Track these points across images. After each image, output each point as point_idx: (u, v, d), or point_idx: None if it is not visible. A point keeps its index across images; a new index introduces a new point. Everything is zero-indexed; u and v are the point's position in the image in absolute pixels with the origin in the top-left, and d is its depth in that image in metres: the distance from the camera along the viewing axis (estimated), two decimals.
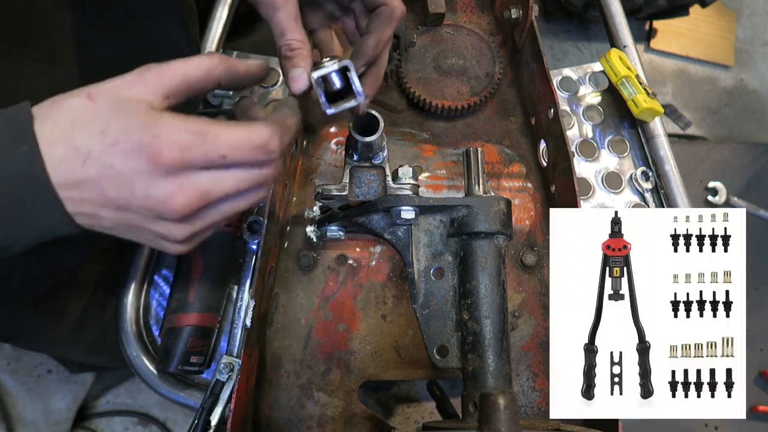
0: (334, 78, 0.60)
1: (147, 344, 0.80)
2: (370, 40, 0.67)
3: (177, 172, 0.46)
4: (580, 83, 1.01)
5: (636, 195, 0.93)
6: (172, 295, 0.78)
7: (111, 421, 1.79)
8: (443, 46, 0.95)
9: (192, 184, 0.47)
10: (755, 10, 2.70)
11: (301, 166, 0.89)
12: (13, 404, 1.70)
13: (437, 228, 0.66)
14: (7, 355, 1.75)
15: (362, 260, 0.84)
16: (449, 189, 0.90)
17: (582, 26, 2.54)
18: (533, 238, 0.87)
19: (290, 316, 0.81)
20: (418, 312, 0.65)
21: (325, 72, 0.59)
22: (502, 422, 0.43)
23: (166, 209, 0.47)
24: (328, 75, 0.59)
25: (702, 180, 2.04)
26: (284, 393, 0.77)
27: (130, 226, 0.50)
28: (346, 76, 0.60)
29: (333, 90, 0.61)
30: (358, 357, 0.80)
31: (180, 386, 0.78)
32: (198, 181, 0.47)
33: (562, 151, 0.78)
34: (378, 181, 0.73)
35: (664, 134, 0.94)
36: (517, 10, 0.91)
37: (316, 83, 0.59)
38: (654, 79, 2.50)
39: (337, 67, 0.59)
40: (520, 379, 0.80)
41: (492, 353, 0.61)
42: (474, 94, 0.93)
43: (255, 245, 0.83)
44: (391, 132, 0.93)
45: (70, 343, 1.15)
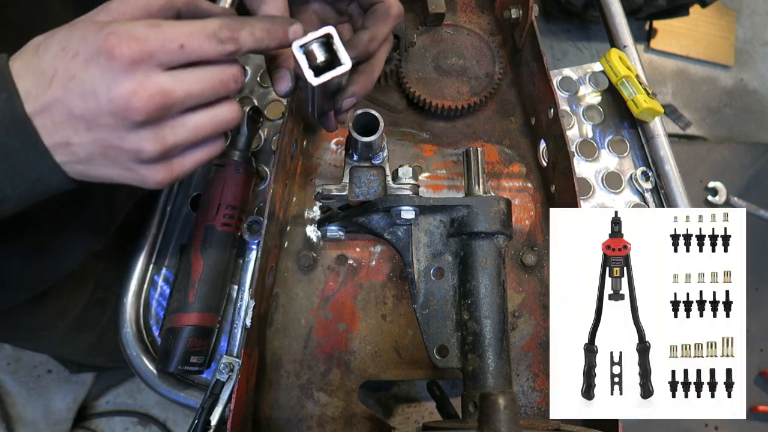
0: (318, 51, 0.54)
1: (147, 344, 0.80)
2: (363, 34, 0.64)
3: (136, 67, 0.46)
4: (580, 83, 1.01)
5: (636, 195, 0.93)
6: (172, 295, 0.78)
7: (111, 421, 1.80)
8: (443, 46, 0.95)
9: (152, 81, 0.46)
10: (755, 10, 2.70)
11: (301, 166, 0.89)
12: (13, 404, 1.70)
13: (437, 228, 0.66)
14: (7, 355, 1.75)
15: (362, 260, 0.84)
16: (449, 189, 0.90)
17: (582, 26, 2.55)
18: (533, 238, 0.87)
19: (290, 316, 0.81)
20: (418, 312, 0.65)
21: (306, 40, 0.54)
22: (502, 422, 0.43)
23: (129, 108, 0.46)
24: (309, 45, 0.54)
25: (702, 180, 2.04)
26: (284, 393, 0.77)
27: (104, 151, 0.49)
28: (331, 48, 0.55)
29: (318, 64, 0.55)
30: (358, 357, 0.80)
31: (180, 386, 0.78)
32: (159, 79, 0.47)
33: (562, 151, 0.78)
34: (378, 181, 0.73)
35: (664, 134, 0.94)
36: (517, 10, 0.91)
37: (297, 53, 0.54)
38: (654, 79, 2.50)
39: (320, 35, 0.54)
40: (520, 379, 0.80)
41: (492, 353, 0.61)
42: (474, 94, 0.93)
43: (255, 245, 0.83)
44: (391, 132, 0.93)
45: (70, 343, 1.15)
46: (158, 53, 0.46)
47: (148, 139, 0.48)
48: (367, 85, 0.67)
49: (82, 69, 0.45)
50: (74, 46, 0.46)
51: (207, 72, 0.50)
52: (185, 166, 0.53)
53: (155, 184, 0.52)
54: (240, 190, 0.80)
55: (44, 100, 0.46)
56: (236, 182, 0.80)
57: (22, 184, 0.48)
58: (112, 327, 0.81)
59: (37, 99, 0.46)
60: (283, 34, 0.53)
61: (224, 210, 0.79)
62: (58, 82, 0.46)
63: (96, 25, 0.46)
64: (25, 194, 0.49)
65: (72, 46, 0.46)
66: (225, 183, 0.80)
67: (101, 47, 0.45)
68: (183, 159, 0.53)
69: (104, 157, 0.49)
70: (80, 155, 0.49)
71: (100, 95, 0.45)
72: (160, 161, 0.51)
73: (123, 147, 0.48)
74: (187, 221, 0.87)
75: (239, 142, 0.83)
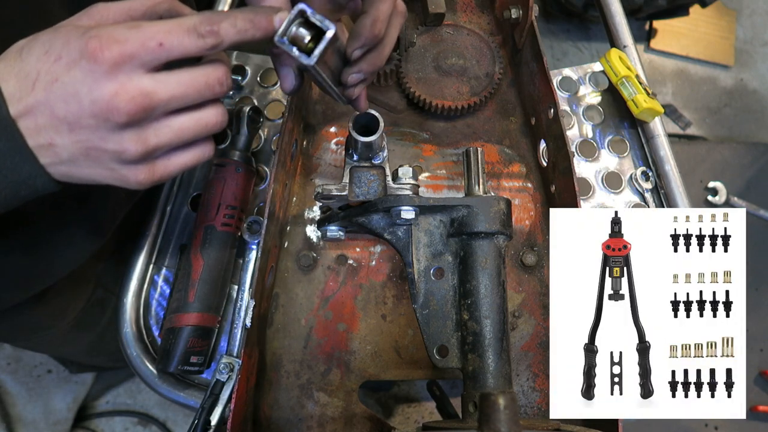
0: (302, 32, 0.53)
1: (147, 344, 0.80)
2: (364, 19, 0.61)
3: (118, 69, 0.46)
4: (580, 83, 1.01)
5: (636, 195, 0.93)
6: (172, 295, 0.78)
7: (111, 421, 1.80)
8: (443, 46, 0.95)
9: (134, 82, 0.47)
10: (755, 10, 2.70)
11: (301, 166, 0.89)
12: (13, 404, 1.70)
13: (437, 228, 0.66)
14: (7, 355, 1.75)
15: (362, 260, 0.84)
16: (449, 189, 0.90)
17: (582, 26, 2.55)
18: (533, 238, 0.87)
19: (290, 316, 0.81)
20: (418, 312, 0.65)
21: (285, 26, 0.52)
22: (502, 422, 0.43)
23: (111, 109, 0.46)
24: (287, 31, 0.53)
25: (702, 180, 2.04)
26: (284, 393, 0.77)
27: (87, 152, 0.49)
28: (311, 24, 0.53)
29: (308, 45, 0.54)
30: (358, 357, 0.80)
31: (180, 386, 0.78)
32: (141, 80, 0.47)
33: (562, 151, 0.78)
34: (378, 181, 0.73)
35: (664, 134, 0.94)
36: (517, 10, 0.91)
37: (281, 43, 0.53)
38: (654, 79, 2.50)
39: (292, 17, 0.53)
40: (520, 379, 0.80)
41: (492, 353, 0.61)
42: (474, 94, 0.93)
43: (255, 245, 0.83)
44: (391, 132, 0.93)
45: (70, 343, 1.15)
46: (139, 53, 0.46)
47: (130, 140, 0.49)
48: (376, 62, 0.64)
49: (64, 72, 0.46)
50: (57, 49, 0.46)
51: (191, 74, 0.50)
52: (168, 168, 0.54)
53: (136, 184, 0.52)
54: (240, 190, 0.80)
55: (27, 102, 0.46)
56: (236, 182, 0.80)
57: (6, 187, 0.49)
58: (112, 327, 0.81)
59: (21, 101, 0.46)
60: (267, 22, 0.52)
61: (224, 210, 0.79)
62: (40, 85, 0.46)
63: (78, 29, 0.47)
64: (10, 196, 0.50)
65: (55, 50, 0.46)
66: (225, 183, 0.80)
67: (83, 50, 0.45)
68: (167, 161, 0.53)
69: (87, 158, 0.50)
70: (63, 156, 0.49)
71: (82, 97, 0.46)
72: (142, 162, 0.51)
73: (105, 148, 0.49)
74: (187, 221, 0.87)
75: (239, 142, 0.83)
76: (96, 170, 0.51)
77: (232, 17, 0.50)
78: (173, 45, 0.48)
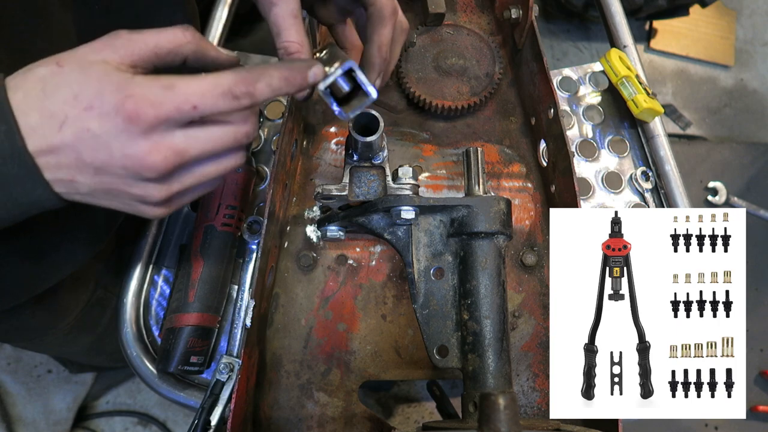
0: (341, 82, 0.58)
1: (147, 344, 0.80)
2: (371, 49, 0.66)
3: (152, 130, 0.47)
4: (580, 83, 1.01)
5: (636, 195, 0.93)
6: (172, 295, 0.78)
7: (111, 421, 1.80)
8: (443, 46, 0.95)
9: (168, 142, 0.48)
10: (755, 10, 2.70)
11: (301, 166, 0.89)
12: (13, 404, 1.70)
13: (437, 228, 0.66)
14: (7, 355, 1.75)
15: (362, 260, 0.84)
16: (449, 189, 0.90)
17: (582, 26, 2.55)
18: (533, 238, 0.87)
19: (290, 316, 0.81)
20: (418, 312, 0.65)
21: (331, 80, 0.57)
22: (502, 422, 0.43)
23: (143, 167, 0.47)
24: (335, 82, 0.57)
25: (702, 180, 2.05)
26: (284, 393, 0.77)
27: (108, 191, 0.50)
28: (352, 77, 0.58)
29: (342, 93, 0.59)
30: (358, 357, 0.80)
31: (180, 386, 0.78)
32: (174, 139, 0.48)
33: (562, 151, 0.78)
34: (378, 181, 0.73)
35: (664, 134, 0.94)
36: (517, 10, 0.91)
37: (323, 94, 0.58)
38: (654, 79, 2.50)
39: (341, 72, 0.57)
40: (520, 379, 0.80)
41: (492, 353, 0.61)
42: (474, 94, 0.93)
43: (255, 245, 0.83)
44: (391, 132, 0.93)
45: (70, 344, 1.15)
46: (173, 116, 0.47)
47: (155, 188, 0.50)
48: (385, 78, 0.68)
49: (96, 124, 0.46)
50: (88, 97, 0.46)
51: (222, 130, 0.51)
52: (183, 202, 0.55)
53: (152, 217, 0.55)
54: (240, 190, 0.80)
55: (52, 141, 0.46)
56: (236, 182, 0.80)
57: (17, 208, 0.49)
58: (112, 327, 0.81)
59: (45, 139, 0.46)
60: (302, 80, 0.54)
61: (224, 210, 0.79)
62: (69, 130, 0.46)
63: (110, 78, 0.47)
64: (18, 216, 0.50)
65: (85, 97, 0.46)
66: (225, 183, 0.80)
67: (119, 109, 0.46)
68: (182, 197, 0.55)
69: (107, 194, 0.51)
70: (82, 191, 0.50)
71: (113, 150, 0.47)
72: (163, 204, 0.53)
73: (129, 192, 0.50)
74: (187, 221, 0.87)
75: None
76: (113, 203, 0.52)
77: (267, 76, 0.51)
78: (206, 107, 0.48)
